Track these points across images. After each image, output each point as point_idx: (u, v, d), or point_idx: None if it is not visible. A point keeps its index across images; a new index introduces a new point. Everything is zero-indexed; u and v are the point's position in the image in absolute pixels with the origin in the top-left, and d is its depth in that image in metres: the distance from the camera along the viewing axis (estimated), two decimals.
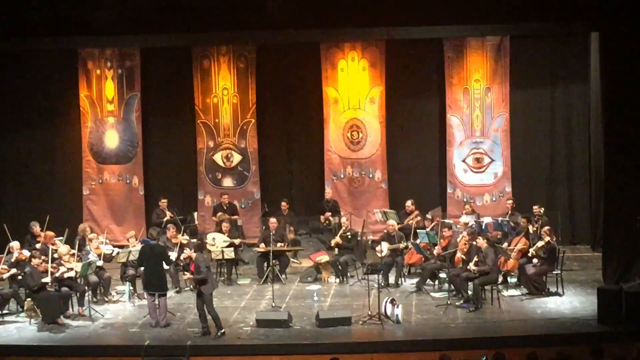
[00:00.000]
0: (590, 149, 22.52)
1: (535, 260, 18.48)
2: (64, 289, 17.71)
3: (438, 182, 23.74)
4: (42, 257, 17.92)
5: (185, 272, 17.11)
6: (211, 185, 23.85)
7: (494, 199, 23.10)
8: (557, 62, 23.06)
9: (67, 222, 20.66)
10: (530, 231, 19.36)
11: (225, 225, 21.11)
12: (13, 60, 23.39)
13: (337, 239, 20.40)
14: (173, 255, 19.19)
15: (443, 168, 23.53)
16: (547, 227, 18.74)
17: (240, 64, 23.62)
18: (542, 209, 20.79)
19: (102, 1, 19.14)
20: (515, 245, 18.93)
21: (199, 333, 16.45)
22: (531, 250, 18.48)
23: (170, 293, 18.79)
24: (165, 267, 18.02)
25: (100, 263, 18.86)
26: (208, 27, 19.98)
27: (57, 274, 17.57)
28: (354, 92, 23.48)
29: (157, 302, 17.02)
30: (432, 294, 18.81)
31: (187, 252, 17.00)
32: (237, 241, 20.99)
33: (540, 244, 18.35)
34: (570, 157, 23.20)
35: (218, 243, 20.41)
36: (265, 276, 20.08)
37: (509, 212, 21.46)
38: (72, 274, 17.76)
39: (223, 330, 16.41)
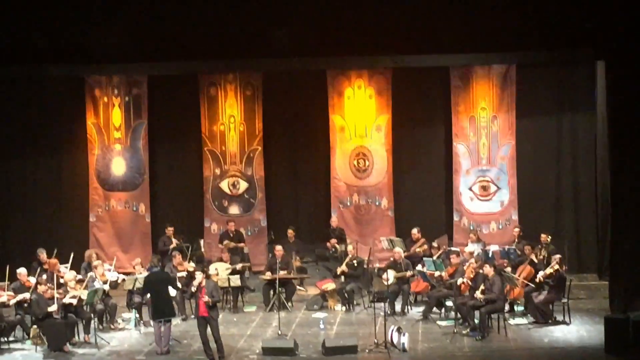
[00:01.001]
0: (596, 176, 22.51)
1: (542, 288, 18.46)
2: (70, 316, 17.69)
3: (444, 210, 23.72)
4: (48, 285, 17.92)
5: (204, 295, 16.88)
6: (217, 213, 23.85)
7: (500, 227, 23.07)
8: (564, 90, 23.07)
9: (74, 249, 20.63)
10: (535, 260, 19.34)
11: (225, 255, 21.12)
12: (20, 87, 23.47)
13: (344, 267, 20.38)
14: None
15: (449, 196, 23.51)
16: (558, 256, 18.72)
17: (247, 91, 23.68)
18: (550, 237, 20.71)
19: (109, 29, 19.22)
20: (520, 274, 18.92)
21: None
22: (539, 275, 18.43)
23: (177, 320, 18.81)
24: (172, 293, 18.02)
25: (106, 287, 18.84)
26: (215, 55, 20.07)
27: (64, 300, 17.54)
28: (360, 120, 23.50)
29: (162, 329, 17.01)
30: (439, 322, 18.77)
31: (199, 278, 16.91)
32: (239, 266, 20.96)
33: (548, 270, 18.33)
34: (577, 184, 23.17)
35: (221, 272, 20.34)
36: (271, 304, 20.06)
37: (516, 240, 21.41)
38: (74, 300, 17.70)
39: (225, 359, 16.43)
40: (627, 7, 17.85)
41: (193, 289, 16.84)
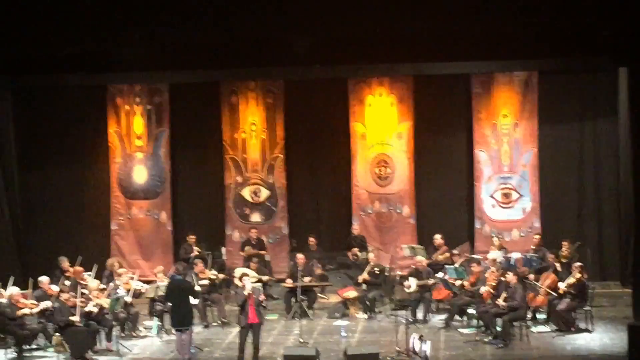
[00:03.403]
0: (619, 183, 22.42)
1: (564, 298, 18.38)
2: (92, 324, 17.73)
3: (466, 217, 23.67)
4: (71, 293, 17.98)
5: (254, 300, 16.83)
6: (239, 221, 23.87)
7: (522, 235, 22.99)
8: (586, 97, 23.02)
9: (95, 257, 20.71)
10: (558, 268, 19.28)
11: (253, 264, 21.12)
12: (42, 96, 23.60)
13: (365, 275, 20.37)
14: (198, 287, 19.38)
15: (471, 203, 23.47)
16: (578, 264, 18.64)
17: (268, 99, 23.71)
18: (571, 244, 20.60)
19: (131, 38, 19.28)
20: (544, 282, 18.86)
21: None
22: (562, 286, 18.36)
23: (198, 328, 18.83)
24: (194, 302, 18.05)
25: (129, 299, 18.88)
26: (236, 63, 20.10)
27: (86, 309, 17.59)
28: (381, 128, 23.49)
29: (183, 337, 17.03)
30: (461, 330, 18.73)
31: (248, 287, 16.79)
32: (265, 278, 21.00)
33: (571, 280, 18.25)
34: (599, 192, 23.10)
35: (246, 279, 20.31)
36: (293, 312, 20.06)
37: (535, 247, 21.34)
38: (96, 308, 17.73)
39: None
40: None
41: (245, 293, 16.68)
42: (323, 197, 24.32)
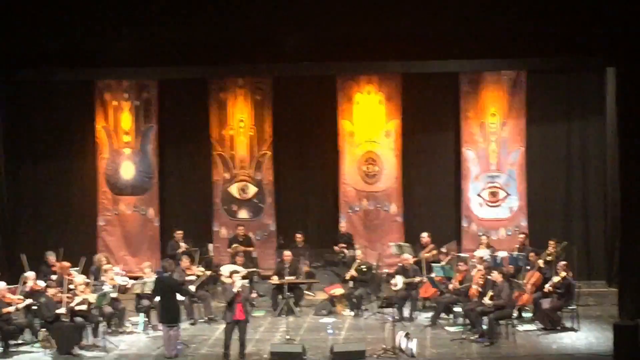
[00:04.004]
0: (606, 183, 22.49)
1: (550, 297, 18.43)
2: (79, 319, 17.68)
3: (453, 215, 23.71)
4: (58, 288, 17.96)
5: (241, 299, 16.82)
6: (227, 217, 23.87)
7: (509, 234, 23.04)
8: (574, 96, 23.08)
9: (82, 252, 20.68)
10: (542, 265, 19.33)
11: (239, 259, 21.11)
12: (30, 91, 23.56)
13: (352, 272, 20.39)
14: (192, 288, 19.42)
15: (458, 202, 23.51)
16: (563, 263, 18.68)
17: (257, 96, 23.70)
18: (558, 243, 20.65)
19: (119, 33, 19.26)
20: (529, 280, 18.92)
21: None
22: (547, 286, 18.42)
23: (185, 324, 18.82)
24: (180, 298, 18.05)
25: (114, 294, 18.87)
26: (225, 60, 20.09)
27: (72, 304, 17.56)
28: (369, 125, 23.51)
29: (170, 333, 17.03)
30: (447, 328, 18.76)
31: (238, 284, 16.75)
32: (244, 271, 20.84)
33: (556, 279, 18.30)
34: (586, 191, 23.17)
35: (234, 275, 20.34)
36: (279, 308, 20.07)
37: (519, 246, 21.39)
38: (84, 306, 17.71)
39: None
40: (637, 14, 17.84)
41: (235, 290, 16.65)
42: (311, 194, 24.33)
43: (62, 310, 17.35)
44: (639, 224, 18.17)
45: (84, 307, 17.67)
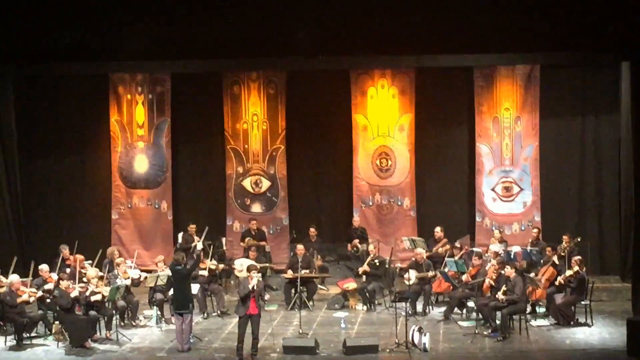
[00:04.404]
0: (620, 178, 22.42)
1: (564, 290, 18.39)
2: (92, 312, 17.74)
3: (467, 210, 23.69)
4: (71, 281, 17.99)
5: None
6: (240, 211, 23.89)
7: (522, 228, 23.01)
8: (588, 91, 23.01)
9: (96, 246, 20.71)
10: (557, 261, 19.28)
11: (252, 253, 21.11)
12: (44, 85, 23.63)
13: (365, 267, 20.37)
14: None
15: (472, 196, 23.48)
16: (577, 257, 18.62)
17: (270, 90, 23.70)
18: (573, 239, 20.59)
19: (133, 27, 19.26)
20: (543, 275, 18.88)
21: None
22: (559, 278, 18.39)
23: (198, 318, 18.84)
24: (194, 290, 18.07)
25: (128, 282, 18.92)
26: (238, 54, 20.08)
27: (86, 293, 17.60)
28: (383, 120, 23.50)
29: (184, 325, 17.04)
30: (460, 322, 18.74)
31: (255, 279, 16.70)
32: (258, 266, 20.85)
33: (569, 272, 18.26)
34: (600, 186, 23.12)
35: (245, 269, 20.35)
36: (292, 302, 20.08)
37: (531, 240, 21.36)
38: (98, 297, 17.77)
39: (258, 357, 16.48)
40: None
41: (250, 287, 16.61)
42: (324, 188, 24.33)
43: (75, 293, 17.37)
44: None
45: (98, 297, 17.72)
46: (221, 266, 20.85)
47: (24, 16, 19.44)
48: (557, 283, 18.44)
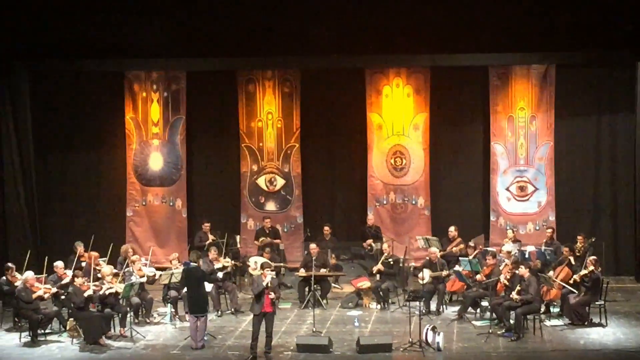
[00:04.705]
0: (635, 178, 22.37)
1: (577, 291, 18.35)
2: (107, 309, 17.80)
3: (481, 209, 23.66)
4: (85, 277, 18.04)
5: (270, 292, 16.78)
6: (254, 209, 23.91)
7: (537, 228, 22.97)
8: (603, 91, 22.94)
9: (110, 243, 20.75)
10: (573, 261, 19.24)
11: (266, 254, 21.12)
12: (60, 82, 23.67)
13: (379, 265, 20.35)
14: (220, 275, 19.61)
15: (486, 196, 23.44)
16: (592, 257, 18.56)
17: (285, 88, 23.70)
18: (587, 239, 20.56)
19: (149, 25, 19.33)
20: (558, 275, 18.84)
21: (249, 358, 16.38)
22: (574, 276, 18.35)
23: (212, 316, 18.86)
24: (208, 289, 18.10)
25: (144, 280, 18.96)
26: (253, 52, 20.13)
27: (100, 292, 17.65)
28: (398, 119, 23.47)
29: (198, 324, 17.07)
30: (474, 322, 18.71)
31: (269, 277, 16.70)
32: (272, 264, 20.87)
33: (584, 272, 18.22)
34: (615, 186, 23.06)
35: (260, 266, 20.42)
36: (306, 301, 20.08)
37: (546, 240, 21.32)
38: (112, 290, 17.81)
39: (271, 355, 16.48)
40: None
41: (264, 284, 16.60)
42: (338, 187, 24.33)
43: (89, 292, 17.41)
44: None
45: (111, 290, 17.77)
46: (235, 264, 20.87)
47: (40, 13, 19.54)
48: (571, 281, 18.40)
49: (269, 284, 16.44)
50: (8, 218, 22.94)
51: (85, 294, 17.40)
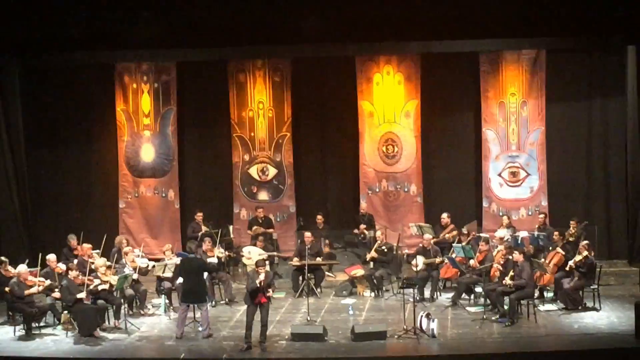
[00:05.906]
0: (627, 163, 22.39)
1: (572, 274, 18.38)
2: (100, 301, 17.78)
3: (474, 196, 23.67)
4: (79, 270, 18.01)
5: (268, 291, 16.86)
6: (247, 199, 23.90)
7: (529, 213, 22.98)
8: (594, 75, 22.93)
9: (103, 235, 20.73)
10: (563, 247, 19.25)
11: (259, 243, 21.11)
12: (50, 75, 23.60)
13: (373, 253, 20.37)
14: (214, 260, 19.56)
15: (479, 182, 23.45)
16: (585, 242, 18.59)
17: (276, 77, 23.66)
18: (579, 223, 20.61)
19: (138, 16, 19.28)
20: (551, 260, 18.87)
21: (244, 348, 16.40)
22: (570, 263, 18.37)
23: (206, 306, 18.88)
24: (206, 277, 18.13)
25: (135, 276, 18.94)
26: (244, 42, 20.09)
27: (91, 287, 17.64)
28: (389, 106, 23.45)
29: (196, 313, 17.03)
30: (468, 308, 18.74)
31: (263, 274, 16.69)
32: (267, 260, 20.83)
33: (578, 257, 18.24)
34: (607, 171, 23.07)
35: (254, 256, 20.45)
36: (300, 290, 20.09)
37: (538, 226, 21.34)
38: (106, 286, 17.81)
39: (266, 344, 16.50)
40: None
41: (257, 281, 16.59)
42: (331, 175, 24.32)
43: (82, 295, 17.40)
44: None
45: (105, 286, 17.76)
46: (228, 254, 20.86)
47: (29, 6, 19.47)
48: (567, 268, 18.42)
49: (261, 283, 16.41)
50: (0, 211, 22.89)
51: (78, 296, 17.34)
